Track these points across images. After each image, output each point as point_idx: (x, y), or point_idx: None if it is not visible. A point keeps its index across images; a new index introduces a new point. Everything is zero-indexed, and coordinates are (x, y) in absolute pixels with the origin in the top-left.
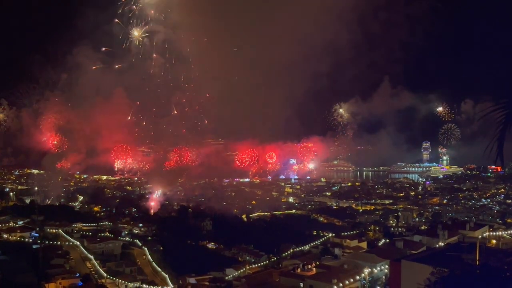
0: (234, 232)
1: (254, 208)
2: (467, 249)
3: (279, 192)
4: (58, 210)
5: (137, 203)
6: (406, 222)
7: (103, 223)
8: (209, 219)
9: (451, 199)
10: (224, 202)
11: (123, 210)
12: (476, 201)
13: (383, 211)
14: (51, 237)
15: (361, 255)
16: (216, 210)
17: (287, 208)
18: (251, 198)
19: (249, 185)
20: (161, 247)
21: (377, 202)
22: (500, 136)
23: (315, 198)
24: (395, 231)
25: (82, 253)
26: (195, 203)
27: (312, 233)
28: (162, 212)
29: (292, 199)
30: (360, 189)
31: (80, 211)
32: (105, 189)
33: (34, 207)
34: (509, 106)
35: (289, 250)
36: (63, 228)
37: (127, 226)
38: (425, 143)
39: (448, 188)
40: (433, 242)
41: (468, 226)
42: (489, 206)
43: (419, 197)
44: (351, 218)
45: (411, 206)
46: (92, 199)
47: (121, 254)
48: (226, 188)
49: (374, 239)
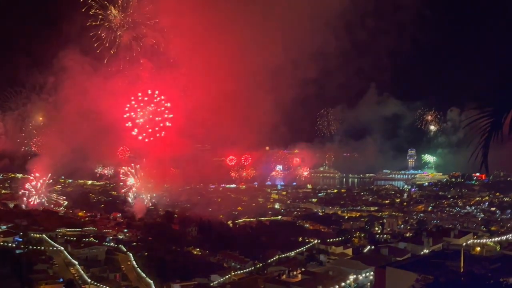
0: (220, 238)
1: (240, 214)
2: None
3: (265, 198)
4: (42, 215)
5: (122, 208)
6: (391, 229)
7: (88, 228)
8: (194, 225)
9: (436, 207)
10: (210, 208)
11: (108, 215)
12: (460, 209)
13: (369, 218)
14: (34, 242)
15: (347, 261)
16: (202, 216)
17: (273, 214)
18: (237, 204)
19: (235, 191)
20: (146, 253)
21: (362, 209)
22: (485, 144)
23: (301, 204)
24: (380, 238)
25: (66, 258)
26: (181, 209)
27: (298, 239)
28: (147, 217)
29: (278, 206)
30: (346, 196)
31: (64, 216)
32: (90, 194)
33: (17, 212)
34: (494, 114)
35: (274, 256)
36: (47, 233)
37: (112, 231)
38: (411, 150)
39: (433, 195)
40: (418, 249)
41: (453, 234)
42: (474, 214)
43: (404, 204)
44: (337, 224)
45: (396, 213)
46: (77, 204)
47: (105, 260)
48: (212, 194)
49: (360, 245)
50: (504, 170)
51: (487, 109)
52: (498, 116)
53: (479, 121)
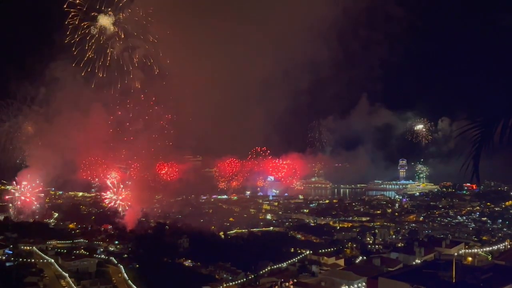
0: (212, 250)
1: (232, 225)
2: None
3: (257, 209)
4: (32, 227)
5: (113, 220)
6: (383, 239)
7: (78, 240)
8: (186, 236)
9: (427, 217)
10: (201, 219)
11: (98, 227)
12: (452, 219)
13: (360, 228)
14: (25, 255)
15: (339, 272)
16: (194, 227)
17: (264, 225)
18: (228, 215)
19: (226, 202)
20: (137, 265)
21: (354, 219)
22: (476, 154)
23: (293, 215)
24: (372, 248)
25: (56, 271)
26: (172, 220)
27: (290, 250)
28: (138, 229)
29: (270, 216)
30: (338, 206)
31: (55, 228)
32: (81, 206)
33: (7, 224)
34: (484, 125)
35: (266, 267)
36: (37, 245)
37: (103, 243)
38: (402, 161)
39: (424, 205)
40: (410, 259)
41: (444, 244)
42: (465, 224)
43: (396, 214)
44: (329, 235)
45: (388, 223)
46: (67, 216)
47: (96, 272)
48: (204, 205)
49: (351, 256)
50: (494, 180)
51: (477, 119)
52: (488, 126)
53: (470, 131)
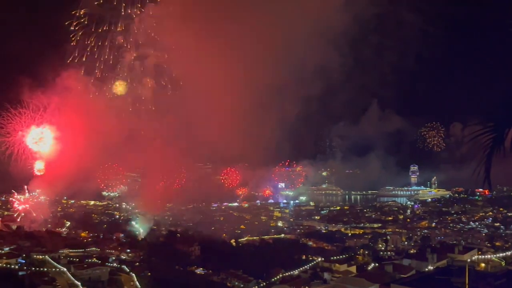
0: (223, 257)
1: (243, 232)
2: (456, 272)
3: (268, 216)
4: (45, 236)
5: (124, 228)
6: (395, 246)
7: (90, 249)
8: (197, 244)
9: (439, 223)
10: (212, 226)
11: (110, 235)
12: (464, 225)
13: (372, 235)
14: (37, 264)
15: (351, 279)
16: (205, 235)
17: (276, 233)
18: (239, 223)
19: (237, 210)
20: (149, 273)
21: (366, 226)
22: (487, 159)
23: (304, 222)
24: (384, 255)
25: (69, 280)
26: (184, 228)
27: (301, 257)
28: (150, 237)
29: (281, 223)
30: (349, 213)
31: (67, 236)
32: (93, 214)
33: (20, 233)
34: (496, 130)
35: (278, 275)
36: (50, 254)
37: (115, 251)
38: (413, 167)
39: (436, 211)
40: (422, 266)
41: (457, 250)
42: (478, 229)
43: (408, 220)
44: (340, 242)
45: (400, 230)
46: (80, 225)
47: (108, 280)
48: (215, 212)
49: (364, 263)
50: (507, 185)
51: (489, 124)
52: (500, 131)
53: (481, 136)
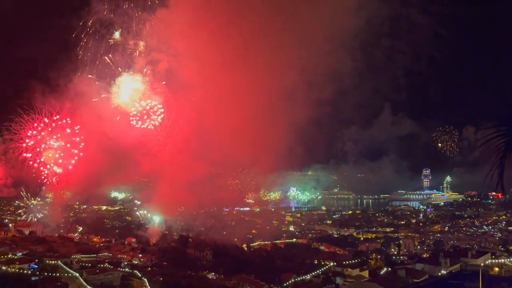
0: (235, 262)
1: (255, 237)
2: (470, 277)
3: (280, 221)
4: (57, 241)
5: (136, 233)
6: (408, 250)
7: (103, 254)
8: (209, 249)
9: (452, 227)
10: (224, 231)
11: (122, 240)
12: (477, 228)
13: (385, 239)
14: (50, 269)
15: (363, 284)
16: (217, 240)
17: (288, 237)
18: (251, 227)
19: (249, 214)
20: (161, 278)
21: (378, 230)
22: (500, 163)
23: (316, 226)
24: (397, 260)
25: (81, 285)
26: (195, 233)
27: (313, 262)
28: (162, 242)
29: (293, 228)
30: (361, 217)
31: (79, 241)
32: (105, 219)
33: (33, 239)
34: (508, 133)
35: (290, 279)
36: (62, 259)
37: (127, 256)
38: (425, 170)
39: (449, 215)
40: (435, 270)
41: (470, 254)
42: (491, 233)
43: (420, 224)
44: (352, 246)
45: (412, 234)
46: (92, 230)
47: (120, 285)
48: (226, 217)
49: (376, 267)
50: None
51: (502, 128)
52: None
53: (494, 140)
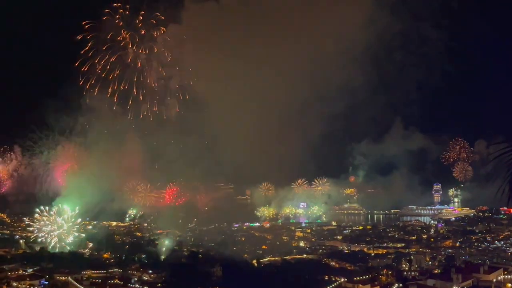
0: (245, 278)
1: (265, 253)
2: None
3: (290, 236)
4: (67, 257)
5: (146, 249)
6: (419, 266)
7: (113, 270)
8: (219, 264)
9: (464, 242)
10: (234, 247)
11: (132, 256)
12: (489, 244)
13: (396, 255)
14: (60, 285)
15: None
16: (226, 256)
17: (298, 253)
18: (261, 243)
19: (259, 230)
20: None
21: (389, 245)
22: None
23: (326, 242)
24: (408, 275)
25: None
26: (205, 249)
27: (324, 278)
28: (172, 258)
29: (303, 243)
30: (372, 233)
31: (89, 258)
32: (115, 235)
33: (43, 255)
34: None
35: None
36: (73, 275)
37: (137, 273)
38: (436, 185)
39: (460, 230)
40: (447, 286)
41: (482, 269)
42: (503, 249)
43: (432, 240)
44: (363, 262)
45: (423, 249)
46: (102, 246)
47: None
48: (236, 232)
49: (387, 283)
50: None
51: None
52: None
53: (506, 154)
